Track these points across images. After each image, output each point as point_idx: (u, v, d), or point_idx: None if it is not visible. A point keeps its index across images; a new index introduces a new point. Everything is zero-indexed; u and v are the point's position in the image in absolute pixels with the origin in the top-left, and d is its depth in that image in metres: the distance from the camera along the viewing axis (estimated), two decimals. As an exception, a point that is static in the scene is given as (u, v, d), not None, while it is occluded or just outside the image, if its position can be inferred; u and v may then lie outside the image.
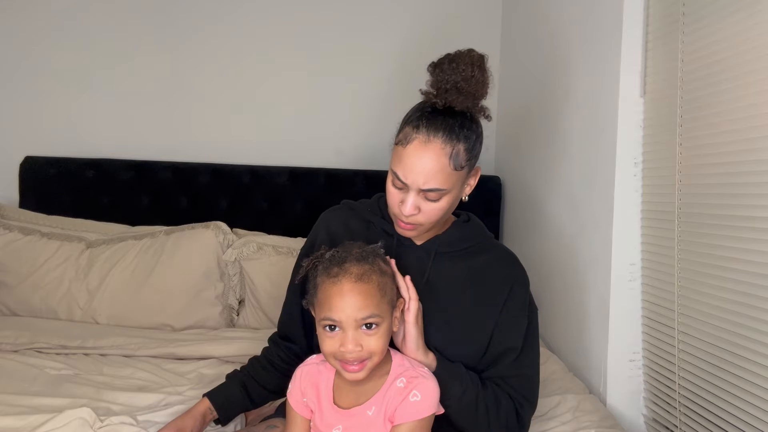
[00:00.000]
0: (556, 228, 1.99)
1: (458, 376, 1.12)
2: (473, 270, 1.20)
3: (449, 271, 1.19)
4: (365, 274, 1.00)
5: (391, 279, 1.06)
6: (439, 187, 1.07)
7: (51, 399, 1.46)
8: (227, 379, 1.32)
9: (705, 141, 1.35)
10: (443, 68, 1.08)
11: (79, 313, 2.08)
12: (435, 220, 1.13)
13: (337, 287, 0.99)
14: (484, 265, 1.20)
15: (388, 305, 1.02)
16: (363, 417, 1.03)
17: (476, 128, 1.11)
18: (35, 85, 2.51)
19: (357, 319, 0.98)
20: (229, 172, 2.47)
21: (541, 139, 2.13)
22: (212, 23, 2.54)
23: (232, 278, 2.16)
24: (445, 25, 2.58)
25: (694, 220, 1.38)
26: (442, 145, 1.06)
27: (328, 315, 0.99)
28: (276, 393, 1.31)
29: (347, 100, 2.55)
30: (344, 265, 1.00)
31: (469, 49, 1.10)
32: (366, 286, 0.99)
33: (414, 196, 1.09)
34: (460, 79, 1.07)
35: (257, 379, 1.30)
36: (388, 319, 1.02)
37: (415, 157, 1.06)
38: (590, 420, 1.42)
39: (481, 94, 1.10)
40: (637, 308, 1.60)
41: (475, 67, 1.07)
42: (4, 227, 2.19)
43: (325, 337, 1.01)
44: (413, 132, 1.07)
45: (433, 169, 1.06)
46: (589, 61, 1.75)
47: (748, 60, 1.21)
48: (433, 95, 1.09)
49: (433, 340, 1.13)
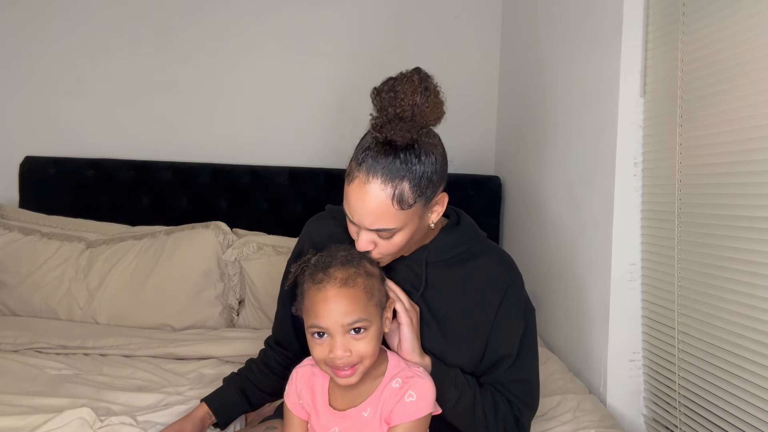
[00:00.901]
0: (556, 228, 1.99)
1: (454, 381, 1.10)
2: (466, 276, 1.15)
3: (441, 279, 1.15)
4: (350, 278, 0.98)
5: (379, 280, 1.03)
6: (386, 227, 1.01)
7: (51, 399, 1.46)
8: (224, 383, 1.31)
9: (705, 141, 1.35)
10: (382, 97, 0.98)
11: (79, 313, 2.08)
12: (397, 251, 1.07)
13: (322, 294, 0.97)
14: (476, 271, 1.15)
15: (376, 307, 1.00)
16: (358, 418, 1.02)
17: (427, 158, 1.00)
18: (35, 85, 2.51)
19: (344, 325, 0.96)
20: (229, 172, 2.47)
21: (541, 139, 2.13)
22: (212, 23, 2.54)
23: (232, 278, 2.16)
24: (445, 25, 2.59)
25: (694, 220, 1.38)
26: (381, 186, 0.98)
27: (315, 322, 0.98)
28: (274, 395, 1.31)
29: (348, 100, 2.56)
30: (329, 270, 0.98)
31: (411, 72, 0.99)
32: (351, 290, 0.97)
33: (366, 234, 1.03)
34: (400, 110, 0.97)
35: (255, 382, 1.29)
36: (377, 322, 1.00)
37: (357, 197, 1.00)
38: (590, 420, 1.42)
39: (430, 120, 1.00)
40: (637, 308, 1.60)
41: (417, 94, 0.96)
42: (4, 227, 2.19)
43: (314, 344, 0.99)
44: (355, 170, 1.00)
45: (376, 211, 0.99)
46: (589, 61, 1.75)
47: (748, 60, 1.20)
48: (376, 127, 0.98)
49: (428, 347, 1.12)
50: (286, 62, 2.56)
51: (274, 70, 2.56)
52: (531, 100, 2.24)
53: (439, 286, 1.15)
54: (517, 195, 2.38)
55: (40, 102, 2.52)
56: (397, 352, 1.09)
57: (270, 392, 1.30)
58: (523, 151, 2.31)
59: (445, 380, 1.09)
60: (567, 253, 1.89)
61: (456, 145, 2.62)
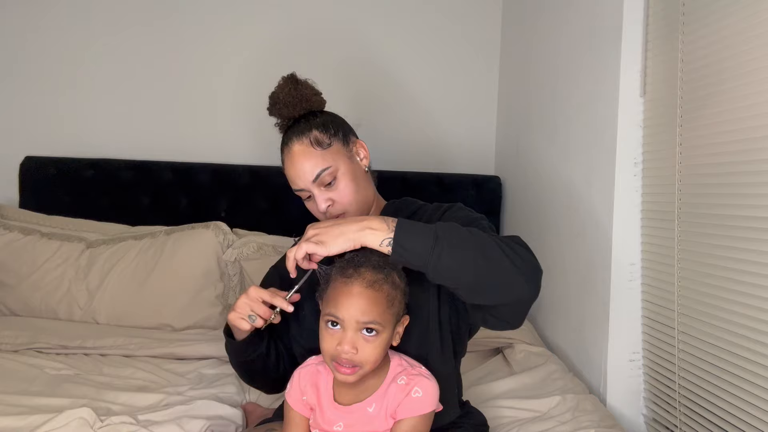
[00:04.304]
0: (556, 228, 1.99)
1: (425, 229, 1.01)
2: None
3: None
4: (377, 282, 1.01)
5: (402, 293, 1.05)
6: (321, 168, 1.17)
7: (51, 399, 1.46)
8: None
9: (705, 141, 1.35)
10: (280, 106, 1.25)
11: (79, 313, 2.08)
12: (353, 199, 1.20)
13: (348, 288, 1.00)
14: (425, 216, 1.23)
15: (392, 317, 1.03)
16: (364, 413, 1.05)
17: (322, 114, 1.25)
18: (35, 85, 2.51)
19: (359, 322, 0.99)
20: (229, 172, 2.47)
21: (541, 139, 2.13)
22: (211, 24, 2.54)
23: (232, 278, 2.17)
24: (445, 25, 2.59)
25: (694, 220, 1.38)
26: (298, 143, 1.19)
27: (332, 311, 1.01)
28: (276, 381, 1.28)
29: (349, 101, 2.55)
30: (360, 269, 1.02)
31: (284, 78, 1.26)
32: (375, 293, 1.00)
33: (317, 191, 1.19)
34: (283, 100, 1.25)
35: None
36: (389, 330, 1.03)
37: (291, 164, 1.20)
38: (590, 420, 1.41)
39: (313, 103, 1.26)
40: (637, 308, 1.60)
41: (287, 87, 1.25)
42: (4, 227, 2.19)
43: (325, 333, 1.02)
44: (282, 153, 1.23)
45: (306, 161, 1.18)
46: (589, 61, 1.75)
47: (748, 60, 1.21)
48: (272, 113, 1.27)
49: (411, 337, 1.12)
50: (286, 63, 2.55)
51: (275, 70, 2.54)
52: (531, 100, 2.24)
53: None
54: (517, 195, 2.39)
55: (40, 102, 2.52)
56: None
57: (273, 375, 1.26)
58: (523, 151, 2.31)
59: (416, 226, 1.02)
60: (567, 253, 1.89)
61: (456, 145, 2.64)
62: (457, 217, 1.16)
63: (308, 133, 1.19)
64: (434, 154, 2.62)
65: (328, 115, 1.26)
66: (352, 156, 1.23)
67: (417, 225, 1.02)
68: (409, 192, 1.86)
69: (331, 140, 1.20)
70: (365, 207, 1.24)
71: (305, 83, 1.26)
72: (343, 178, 1.19)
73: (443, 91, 2.61)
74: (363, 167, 1.25)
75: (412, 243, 0.99)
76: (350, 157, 1.22)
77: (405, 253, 0.99)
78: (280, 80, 1.26)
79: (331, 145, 1.19)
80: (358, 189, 1.21)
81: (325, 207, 1.19)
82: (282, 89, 1.24)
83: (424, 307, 1.16)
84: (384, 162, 2.43)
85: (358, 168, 1.23)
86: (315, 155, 1.18)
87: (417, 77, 2.59)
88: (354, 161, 1.23)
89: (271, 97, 1.26)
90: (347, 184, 1.19)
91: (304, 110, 1.24)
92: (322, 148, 1.18)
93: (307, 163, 1.18)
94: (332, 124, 1.22)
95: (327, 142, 1.19)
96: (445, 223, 1.02)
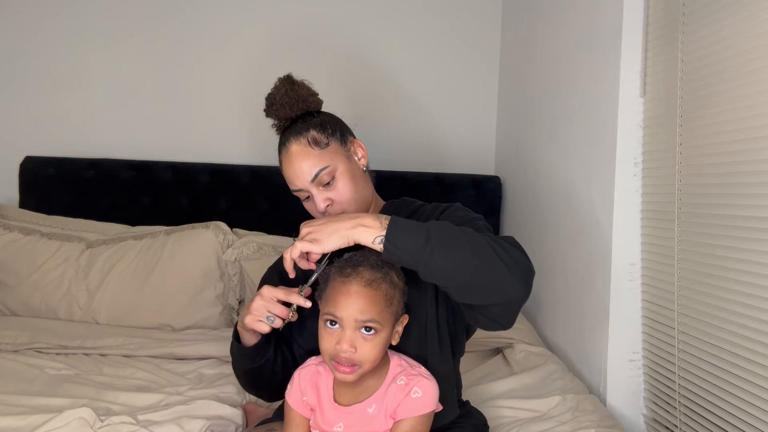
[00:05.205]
0: (556, 228, 1.99)
1: (417, 227, 1.00)
2: None
3: None
4: (375, 281, 1.01)
5: (401, 293, 1.06)
6: (320, 168, 1.17)
7: (51, 399, 1.46)
8: None
9: (705, 141, 1.35)
10: (276, 107, 1.25)
11: (79, 313, 2.08)
12: (352, 198, 1.20)
13: (346, 287, 1.01)
14: (423, 216, 1.22)
15: (391, 316, 1.03)
16: (363, 414, 1.05)
17: (319, 114, 1.25)
18: (35, 85, 2.51)
19: (357, 320, 1.00)
20: (229, 172, 2.47)
21: (541, 139, 2.13)
22: (211, 24, 2.54)
23: (232, 278, 2.16)
24: (445, 25, 2.59)
25: (694, 220, 1.38)
26: (296, 143, 1.20)
27: (331, 311, 1.01)
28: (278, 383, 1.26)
29: (350, 101, 2.56)
30: (358, 268, 1.02)
31: (280, 79, 1.26)
32: (374, 292, 1.01)
33: (316, 191, 1.19)
34: (280, 101, 1.25)
35: None
36: (387, 329, 1.03)
37: (290, 164, 1.20)
38: (590, 420, 1.41)
39: (310, 104, 1.25)
40: (637, 308, 1.60)
41: (284, 88, 1.25)
42: (4, 227, 2.19)
43: (324, 332, 1.03)
44: (280, 154, 1.23)
45: (304, 161, 1.18)
46: (589, 61, 1.75)
47: (748, 59, 1.21)
48: (269, 114, 1.27)
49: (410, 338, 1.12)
50: (286, 63, 2.55)
51: (275, 70, 2.55)
52: (531, 100, 2.24)
53: None
54: (517, 195, 2.39)
55: (40, 102, 2.52)
56: None
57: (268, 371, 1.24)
58: (523, 151, 2.31)
59: (409, 224, 1.02)
60: (567, 253, 1.89)
61: (456, 145, 2.64)
62: (454, 217, 1.16)
63: (306, 133, 1.20)
64: (434, 154, 2.62)
65: (325, 115, 1.26)
66: (350, 155, 1.24)
67: (410, 223, 1.02)
68: (409, 192, 1.86)
69: (329, 140, 1.20)
70: (364, 206, 1.24)
71: (301, 84, 1.26)
72: (342, 178, 1.19)
73: (443, 91, 2.62)
74: (361, 167, 1.26)
75: (404, 241, 0.99)
76: (348, 156, 1.23)
77: (397, 251, 0.99)
78: (276, 81, 1.26)
79: (329, 144, 1.20)
80: (356, 188, 1.21)
81: (324, 207, 1.19)
82: (278, 90, 1.25)
83: (422, 306, 1.16)
84: (384, 162, 2.43)
85: (357, 167, 1.24)
86: (313, 155, 1.18)
87: (417, 77, 2.59)
88: (352, 161, 1.23)
89: (267, 98, 1.26)
90: (346, 183, 1.19)
91: (301, 111, 1.24)
92: (320, 147, 1.19)
93: (305, 163, 1.18)
94: (330, 124, 1.23)
95: (325, 141, 1.20)
96: (438, 222, 1.03)
